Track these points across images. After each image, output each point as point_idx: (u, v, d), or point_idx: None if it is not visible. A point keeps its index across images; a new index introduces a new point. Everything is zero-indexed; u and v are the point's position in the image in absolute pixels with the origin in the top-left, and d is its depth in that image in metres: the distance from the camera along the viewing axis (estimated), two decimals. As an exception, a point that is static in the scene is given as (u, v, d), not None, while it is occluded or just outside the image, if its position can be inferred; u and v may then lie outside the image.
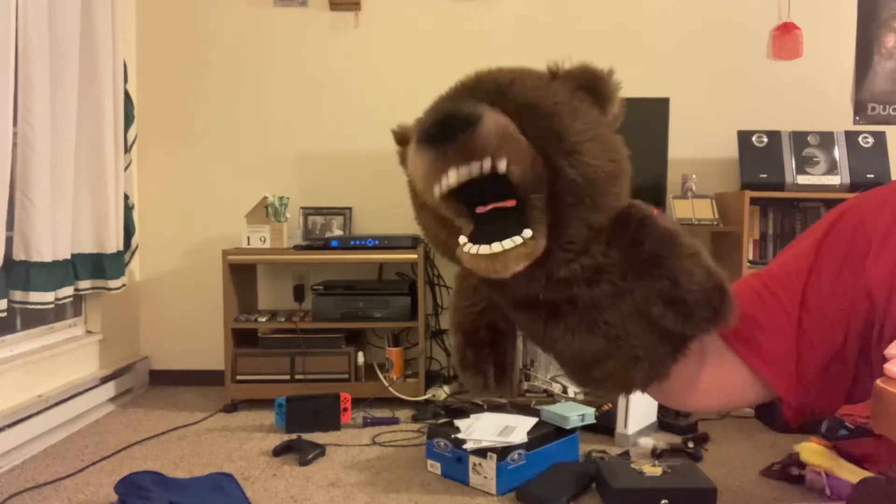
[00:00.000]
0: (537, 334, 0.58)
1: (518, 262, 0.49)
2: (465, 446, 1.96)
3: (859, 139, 2.84)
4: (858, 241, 0.66)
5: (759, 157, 2.84)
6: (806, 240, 0.71)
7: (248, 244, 2.84)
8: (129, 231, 2.89)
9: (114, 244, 2.70)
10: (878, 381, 0.48)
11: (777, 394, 0.68)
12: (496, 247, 0.48)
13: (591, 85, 0.52)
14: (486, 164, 0.46)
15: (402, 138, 0.59)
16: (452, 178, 0.46)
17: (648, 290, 0.53)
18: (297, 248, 2.85)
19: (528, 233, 0.48)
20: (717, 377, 0.69)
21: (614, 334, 0.56)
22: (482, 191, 0.48)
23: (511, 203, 0.49)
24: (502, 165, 0.46)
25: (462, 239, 0.50)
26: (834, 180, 2.79)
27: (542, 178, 0.49)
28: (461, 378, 0.62)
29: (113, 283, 2.70)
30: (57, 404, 2.38)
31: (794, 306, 0.67)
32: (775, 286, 0.68)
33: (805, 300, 0.67)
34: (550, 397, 2.69)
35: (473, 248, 0.48)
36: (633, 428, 2.32)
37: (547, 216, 0.50)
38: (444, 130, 0.45)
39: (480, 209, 0.50)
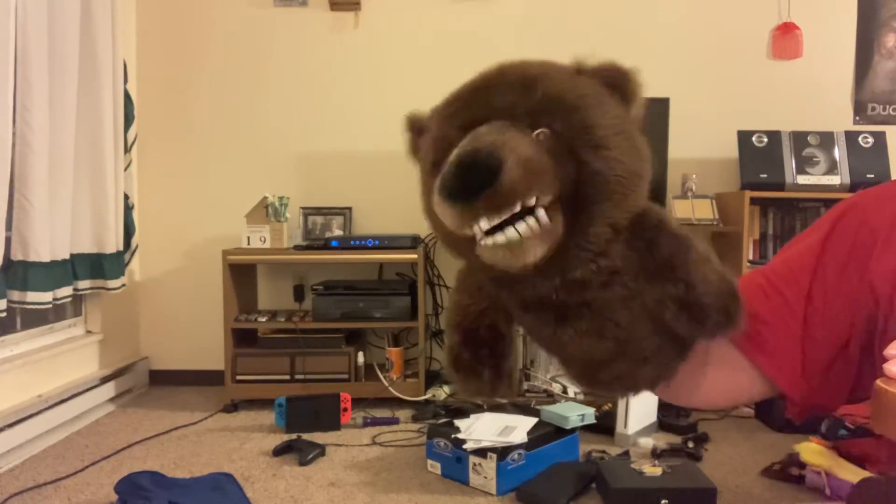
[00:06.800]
0: (545, 337, 0.57)
1: (537, 249, 0.48)
2: (465, 446, 1.96)
3: (859, 139, 2.84)
4: (862, 237, 0.65)
5: (759, 157, 2.84)
6: (809, 237, 0.70)
7: (248, 244, 2.84)
8: (128, 231, 2.89)
9: (113, 244, 2.70)
10: (879, 381, 0.48)
11: (782, 391, 0.68)
12: (510, 232, 0.46)
13: (616, 83, 0.52)
14: (517, 208, 0.45)
15: (415, 126, 0.58)
16: (485, 225, 0.45)
17: (661, 294, 0.53)
18: (297, 248, 2.85)
19: (541, 212, 0.47)
20: (722, 374, 0.69)
21: (624, 336, 0.55)
22: None
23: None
24: (531, 202, 0.46)
25: (478, 235, 0.48)
26: (834, 180, 2.79)
27: (568, 185, 0.48)
28: (453, 381, 0.60)
29: (113, 283, 2.70)
30: (57, 404, 2.38)
31: (798, 303, 0.66)
32: (780, 283, 0.68)
33: (810, 297, 0.66)
34: (550, 397, 2.69)
35: (489, 240, 0.47)
36: (633, 428, 2.32)
37: (566, 212, 0.49)
38: (468, 184, 0.44)
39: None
